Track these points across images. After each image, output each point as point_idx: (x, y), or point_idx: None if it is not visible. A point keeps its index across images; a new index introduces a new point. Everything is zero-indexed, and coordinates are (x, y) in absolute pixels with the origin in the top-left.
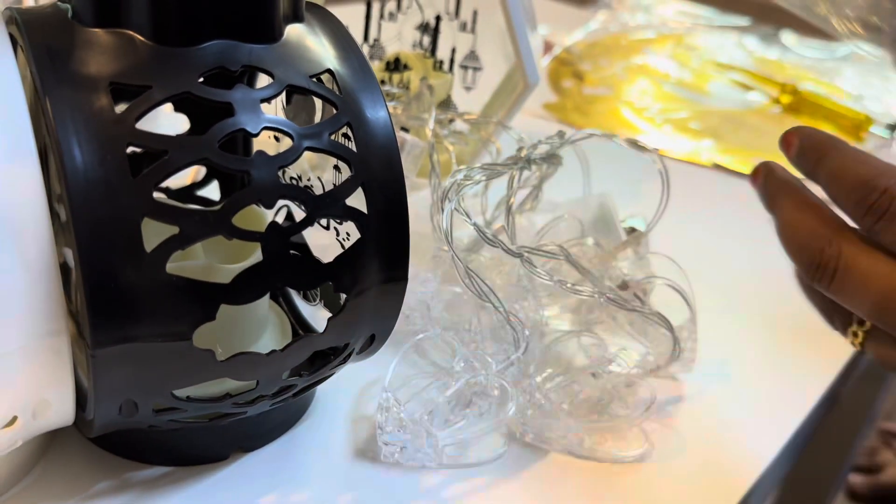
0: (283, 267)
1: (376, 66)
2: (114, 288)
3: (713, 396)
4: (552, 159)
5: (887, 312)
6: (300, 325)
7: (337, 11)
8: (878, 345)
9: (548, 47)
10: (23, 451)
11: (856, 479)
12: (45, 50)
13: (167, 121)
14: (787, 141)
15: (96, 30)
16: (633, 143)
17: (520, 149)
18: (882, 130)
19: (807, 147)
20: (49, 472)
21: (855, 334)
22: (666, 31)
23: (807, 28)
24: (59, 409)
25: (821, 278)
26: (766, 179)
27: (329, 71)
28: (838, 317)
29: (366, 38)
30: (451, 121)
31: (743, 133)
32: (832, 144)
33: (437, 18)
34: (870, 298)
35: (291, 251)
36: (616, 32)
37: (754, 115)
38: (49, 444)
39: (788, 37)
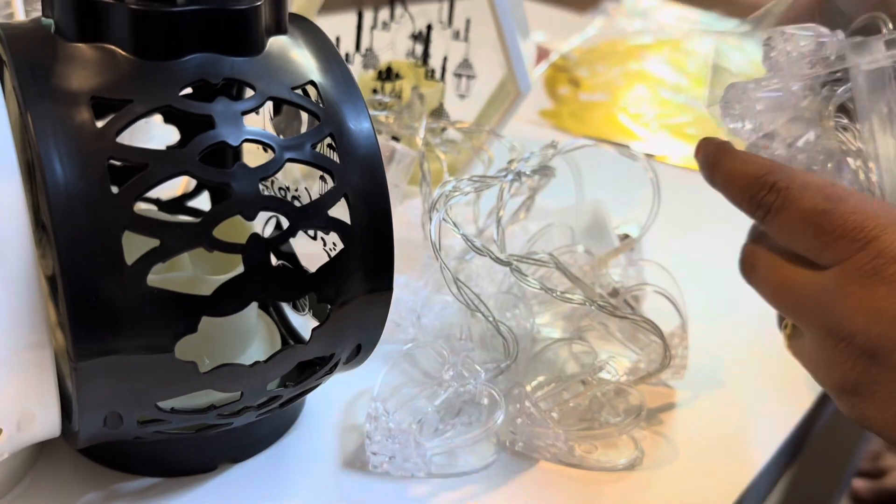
0: (265, 278)
1: (369, 75)
2: (95, 301)
3: (704, 404)
4: (545, 171)
5: (783, 305)
6: (290, 335)
7: (331, 20)
8: (795, 341)
9: (543, 54)
10: (10, 462)
11: (860, 483)
12: (28, 65)
13: (160, 132)
14: (697, 151)
15: (78, 44)
16: (624, 151)
17: (510, 161)
18: None
19: (703, 157)
20: (38, 483)
21: (786, 326)
22: (663, 37)
23: None
24: (45, 422)
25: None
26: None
27: (312, 82)
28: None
29: (358, 47)
30: (444, 129)
31: None
32: (723, 149)
33: (429, 28)
34: (771, 293)
35: (280, 261)
36: (613, 38)
37: None
38: (38, 455)
39: None
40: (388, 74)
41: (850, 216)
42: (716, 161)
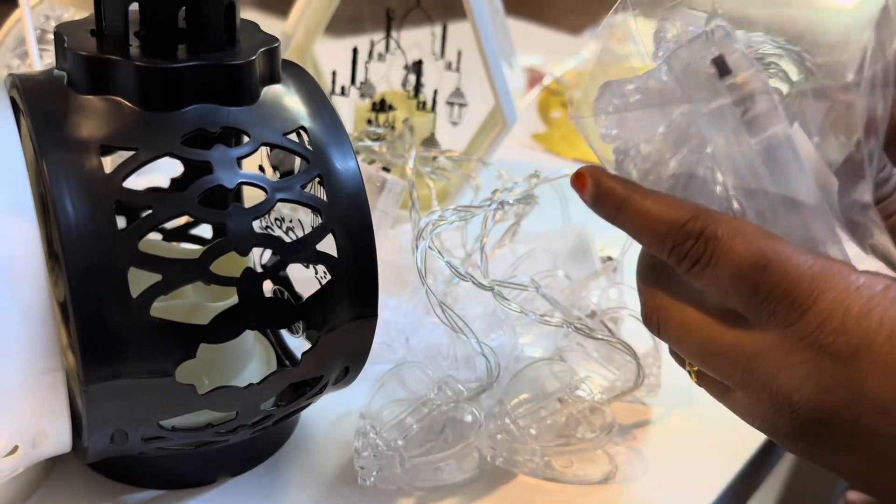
0: (258, 308)
1: (365, 105)
2: (103, 330)
3: (676, 420)
4: (528, 199)
5: (707, 365)
6: (285, 356)
7: (330, 47)
8: (708, 381)
9: (537, 77)
10: (24, 476)
11: (854, 496)
12: (42, 115)
13: (165, 162)
14: (580, 183)
15: (88, 96)
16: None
17: (494, 190)
18: None
19: (601, 194)
20: (50, 494)
21: (691, 366)
22: (655, 60)
23: None
24: (57, 438)
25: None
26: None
27: (303, 127)
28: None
29: (353, 80)
30: (434, 158)
31: None
32: (629, 189)
33: (420, 62)
34: (691, 351)
35: (276, 286)
36: (606, 62)
37: None
38: (50, 469)
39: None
40: (381, 105)
41: (786, 276)
42: (622, 201)
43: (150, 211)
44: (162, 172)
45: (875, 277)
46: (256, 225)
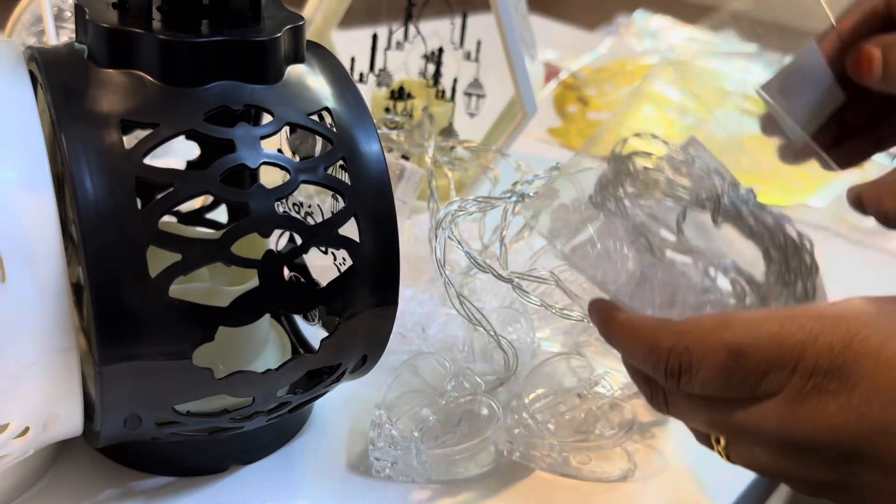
0: (278, 292)
1: (383, 94)
2: (120, 310)
3: None
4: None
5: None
6: (300, 344)
7: (347, 36)
8: (741, 450)
9: (553, 72)
10: (34, 459)
11: None
12: (62, 88)
13: (181, 145)
14: (590, 315)
15: (109, 70)
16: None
17: (515, 182)
18: (883, 158)
19: (597, 321)
20: (59, 479)
21: (718, 441)
22: (672, 57)
23: None
24: (69, 421)
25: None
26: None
27: (326, 108)
28: (699, 435)
29: (372, 67)
30: (453, 148)
31: (744, 159)
32: (610, 315)
33: (440, 50)
34: (701, 425)
35: (292, 273)
36: (623, 57)
37: (756, 142)
38: (59, 453)
39: None
40: (400, 94)
41: (764, 349)
42: (607, 327)
43: (170, 189)
44: (177, 156)
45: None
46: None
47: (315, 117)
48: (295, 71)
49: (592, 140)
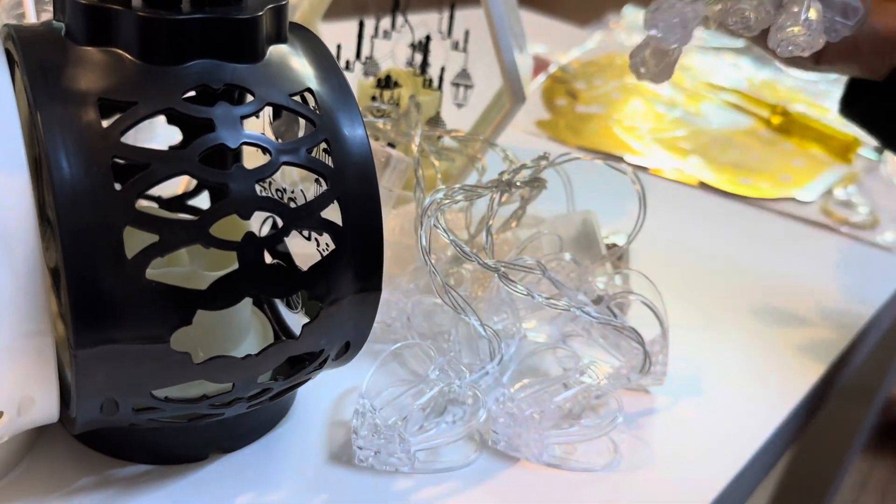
0: (259, 275)
1: (369, 83)
2: (96, 292)
3: (682, 410)
4: (536, 183)
5: None
6: (283, 331)
7: (333, 27)
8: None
9: (542, 65)
10: (8, 446)
11: None
12: (39, 66)
13: (163, 131)
14: None
15: (87, 48)
16: (612, 164)
17: (502, 172)
18: (870, 153)
19: None
20: (34, 467)
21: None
22: None
23: None
24: (44, 407)
25: None
26: None
27: (309, 90)
28: None
29: (358, 55)
30: (440, 137)
31: (732, 153)
32: None
33: (427, 38)
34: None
35: (274, 259)
36: (612, 51)
37: (744, 136)
38: (35, 440)
39: None
40: (387, 82)
41: None
42: None
43: (148, 169)
44: (159, 142)
45: None
46: (258, 190)
47: (298, 98)
48: (277, 51)
49: None
